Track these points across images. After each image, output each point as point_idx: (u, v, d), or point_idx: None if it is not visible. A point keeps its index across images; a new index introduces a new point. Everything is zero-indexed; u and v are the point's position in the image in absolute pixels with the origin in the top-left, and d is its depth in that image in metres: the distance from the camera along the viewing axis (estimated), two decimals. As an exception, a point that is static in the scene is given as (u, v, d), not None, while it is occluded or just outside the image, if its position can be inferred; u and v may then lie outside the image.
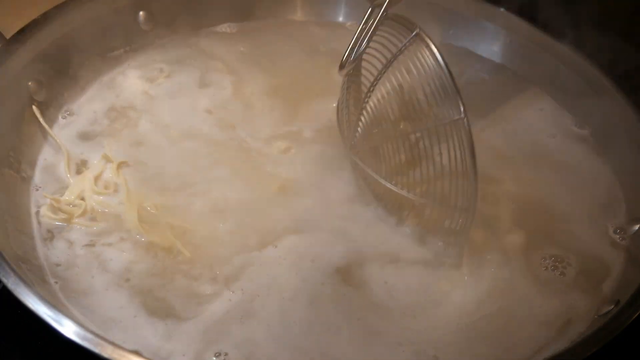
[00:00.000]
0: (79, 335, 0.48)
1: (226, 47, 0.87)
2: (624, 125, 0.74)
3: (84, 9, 0.77)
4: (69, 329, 0.48)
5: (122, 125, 0.74)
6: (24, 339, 0.58)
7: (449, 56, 0.57)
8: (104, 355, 0.47)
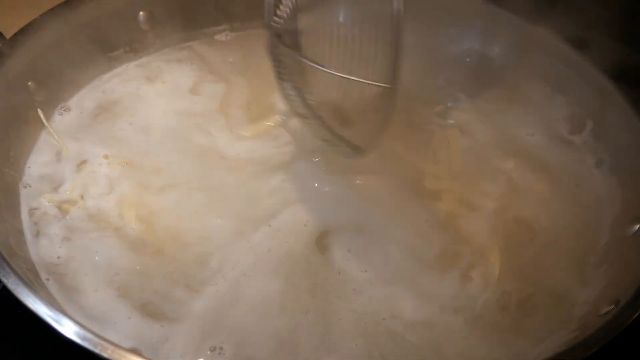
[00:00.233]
0: (79, 335, 0.48)
1: (221, 53, 0.86)
2: (623, 124, 0.74)
3: (83, 9, 0.77)
4: (69, 329, 0.48)
5: (120, 125, 0.75)
6: (24, 339, 0.59)
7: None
8: (104, 355, 0.47)
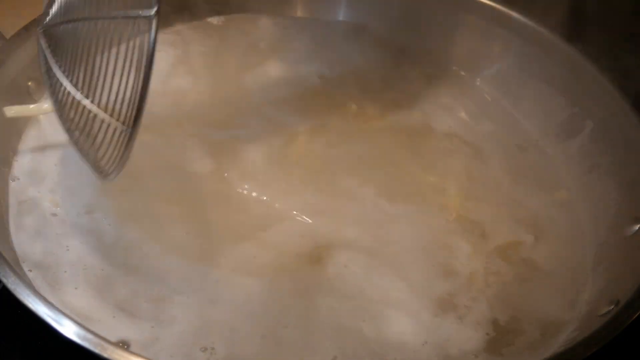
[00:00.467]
0: (79, 335, 0.47)
1: (202, 40, 0.86)
2: (623, 125, 0.74)
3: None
4: (69, 329, 0.48)
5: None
6: (24, 339, 0.59)
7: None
8: (104, 355, 0.46)
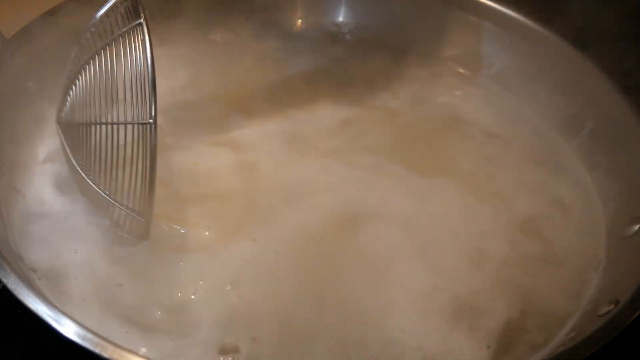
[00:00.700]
0: (79, 335, 0.47)
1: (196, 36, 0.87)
2: (623, 125, 0.74)
3: (83, 8, 0.77)
4: (69, 329, 0.48)
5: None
6: (24, 339, 0.59)
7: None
8: (104, 355, 0.46)
